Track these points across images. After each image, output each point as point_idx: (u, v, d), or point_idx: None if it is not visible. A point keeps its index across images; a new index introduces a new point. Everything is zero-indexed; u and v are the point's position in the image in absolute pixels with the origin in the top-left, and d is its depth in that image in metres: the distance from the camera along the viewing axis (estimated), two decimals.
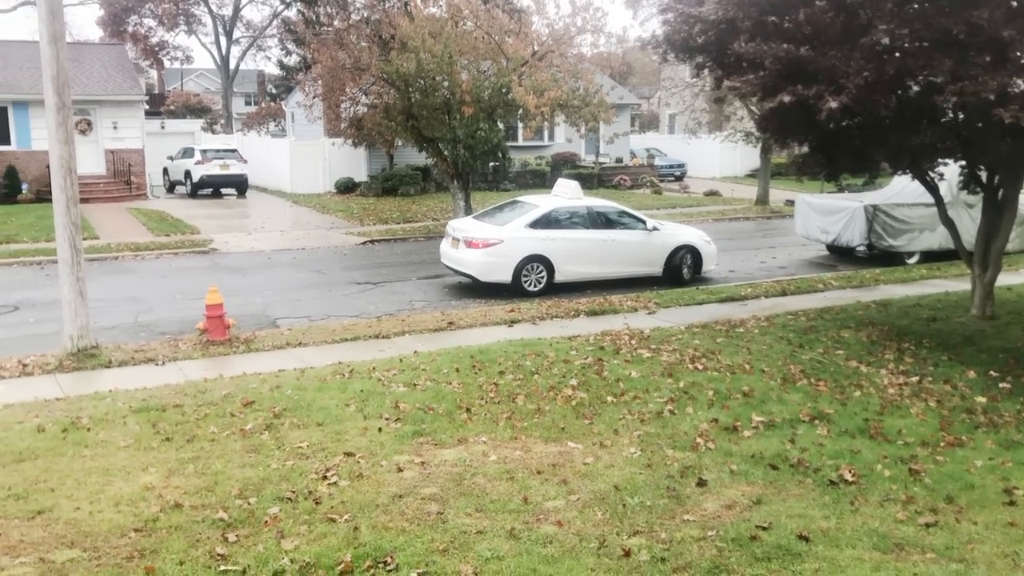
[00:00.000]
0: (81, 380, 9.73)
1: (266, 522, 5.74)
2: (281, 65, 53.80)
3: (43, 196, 26.25)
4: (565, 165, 34.95)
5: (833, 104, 9.41)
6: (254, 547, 5.35)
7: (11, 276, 16.97)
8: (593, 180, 34.13)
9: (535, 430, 7.71)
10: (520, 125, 30.19)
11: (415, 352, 10.65)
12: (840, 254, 19.56)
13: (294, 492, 6.24)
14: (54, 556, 5.20)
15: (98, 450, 7.20)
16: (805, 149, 12.40)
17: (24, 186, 26.94)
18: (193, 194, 30.99)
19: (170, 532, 5.58)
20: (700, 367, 9.87)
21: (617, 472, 6.68)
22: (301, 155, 33.05)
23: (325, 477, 6.55)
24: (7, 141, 27.48)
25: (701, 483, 6.49)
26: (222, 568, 5.07)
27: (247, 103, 67.73)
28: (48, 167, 25.48)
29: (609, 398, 8.65)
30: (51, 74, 10.14)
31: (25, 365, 10.13)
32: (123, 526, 5.69)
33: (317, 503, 6.06)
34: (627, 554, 5.27)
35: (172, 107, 49.25)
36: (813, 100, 9.68)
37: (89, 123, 28.88)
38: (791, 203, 25.33)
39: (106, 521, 5.77)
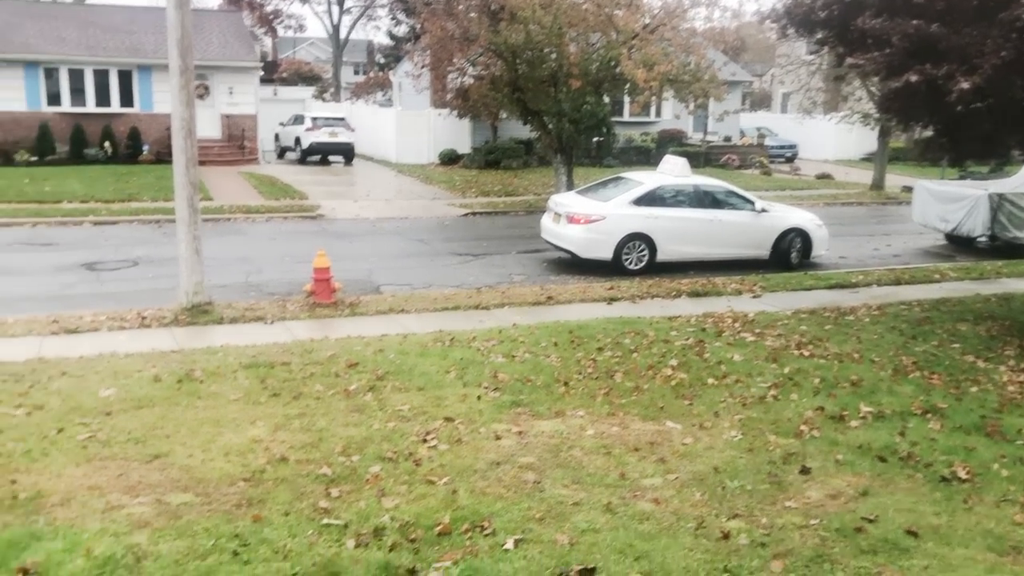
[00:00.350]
0: (195, 334, 10.12)
1: (368, 480, 5.87)
2: (390, 35, 54.47)
3: (162, 157, 27.37)
4: (671, 142, 34.36)
5: (965, 85, 8.93)
6: (356, 503, 5.48)
7: (131, 233, 17.77)
8: (700, 158, 33.43)
9: (633, 407, 7.64)
10: (627, 100, 29.84)
11: (514, 324, 10.69)
12: (959, 244, 18.64)
13: (395, 453, 6.36)
14: (169, 498, 5.45)
15: (210, 401, 7.49)
16: (929, 132, 11.83)
17: (145, 147, 28.13)
18: (302, 160, 31.79)
19: (276, 484, 5.77)
20: (806, 353, 9.60)
21: (717, 454, 6.57)
22: (407, 125, 33.45)
23: (425, 440, 6.65)
24: (131, 103, 28.70)
25: (804, 471, 6.32)
26: (325, 521, 5.21)
27: (356, 72, 68.91)
28: (167, 130, 26.37)
29: (710, 380, 8.51)
30: (176, 38, 10.50)
31: (144, 317, 10.60)
32: (232, 475, 5.91)
33: (417, 465, 6.16)
34: (726, 536, 5.18)
35: (284, 75, 50.55)
36: (942, 80, 9.20)
37: (207, 88, 29.88)
38: (909, 189, 24.30)
39: (216, 469, 6.01)
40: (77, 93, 28.02)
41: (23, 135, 26.78)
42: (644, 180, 15.67)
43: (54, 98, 27.77)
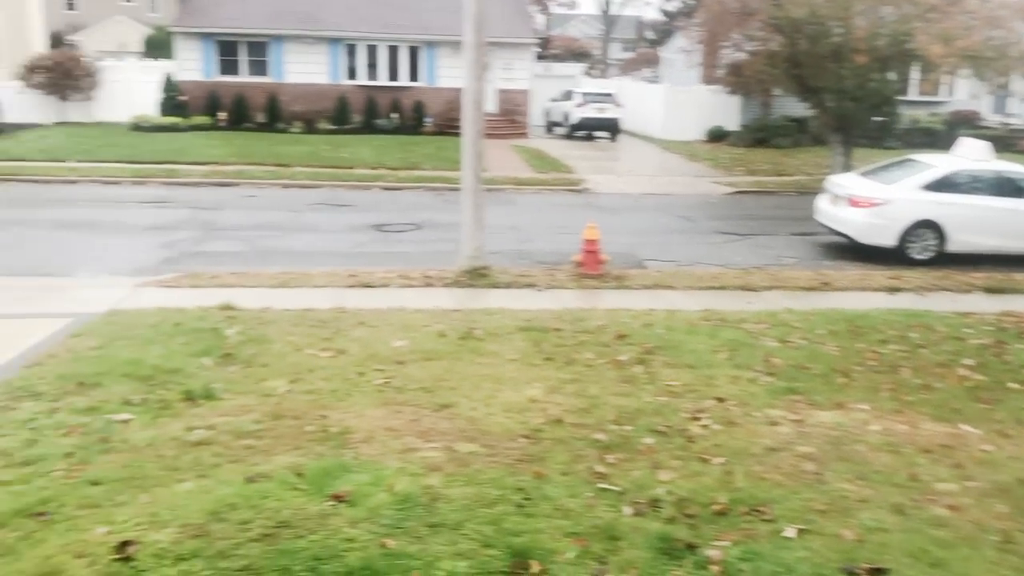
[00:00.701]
0: (473, 295, 10.70)
1: (640, 451, 5.93)
2: (663, 11, 53.92)
3: (442, 129, 29.00)
4: (963, 124, 31.31)
5: None
6: (631, 472, 5.56)
7: (415, 198, 19.03)
8: (996, 143, 30.15)
9: (922, 406, 7.12)
10: (917, 77, 27.60)
11: (787, 309, 10.30)
12: None
13: (667, 427, 6.38)
14: (458, 447, 5.82)
15: (489, 359, 7.89)
16: None
17: (428, 119, 29.91)
18: (569, 135, 32.37)
19: (553, 444, 5.98)
20: None
21: (1023, 465, 5.98)
22: (674, 101, 33.02)
23: (696, 418, 6.61)
24: (416, 78, 30.60)
25: None
26: (601, 486, 5.33)
27: (624, 49, 68.97)
28: (448, 103, 27.86)
29: (1012, 384, 7.73)
30: (471, 14, 11.04)
31: (428, 277, 11.35)
32: (512, 431, 6.20)
33: (690, 441, 6.14)
34: None
35: (555, 51, 51.62)
36: None
37: (485, 63, 31.16)
38: None
39: (497, 424, 6.33)
40: (371, 68, 30.39)
41: (325, 106, 29.46)
42: (937, 163, 14.45)
43: (351, 72, 30.31)
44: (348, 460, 5.48)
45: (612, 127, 32.04)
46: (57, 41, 44.24)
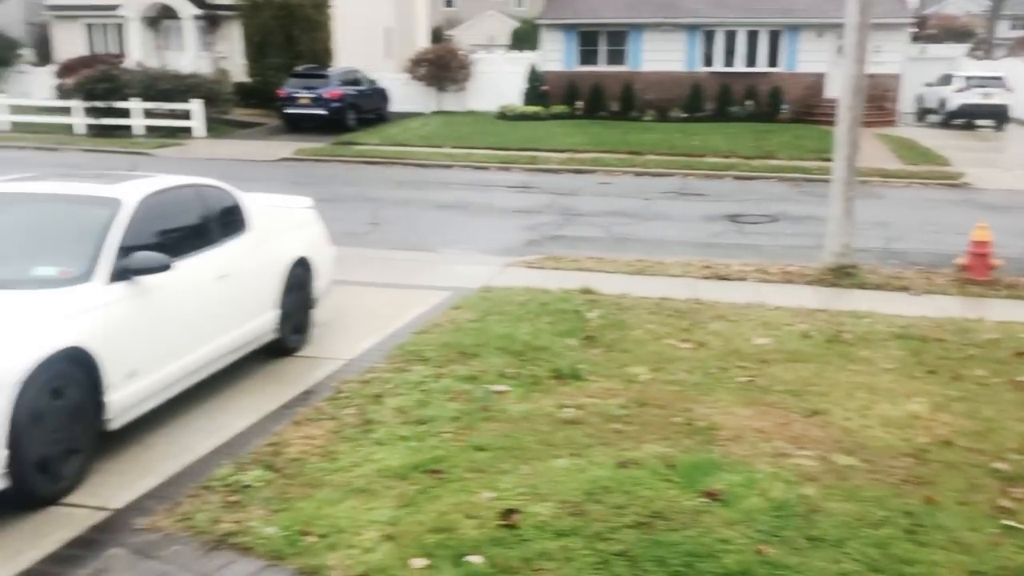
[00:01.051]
0: (837, 295, 10.04)
1: None
2: None
3: (799, 116, 27.76)
4: None
5: None
6: None
7: (769, 189, 18.38)
8: None
9: None
10: None
11: None
12: None
13: None
14: (833, 458, 5.44)
15: (861, 367, 7.33)
16: None
17: (784, 106, 28.68)
18: (945, 123, 29.40)
19: (944, 468, 5.38)
20: None
21: None
22: None
23: None
24: (775, 63, 29.44)
25: None
26: (1005, 522, 4.71)
27: (1013, 27, 61.08)
28: (806, 89, 26.70)
29: None
30: None
31: (788, 273, 10.85)
32: (894, 447, 5.68)
33: None
34: None
35: (931, 32, 47.05)
36: None
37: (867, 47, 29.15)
38: None
39: (876, 438, 5.83)
40: (728, 54, 29.84)
41: (677, 93, 29.47)
42: None
43: (707, 59, 30.00)
44: (717, 457, 5.34)
45: (1000, 114, 28.59)
46: (436, 36, 48.67)
